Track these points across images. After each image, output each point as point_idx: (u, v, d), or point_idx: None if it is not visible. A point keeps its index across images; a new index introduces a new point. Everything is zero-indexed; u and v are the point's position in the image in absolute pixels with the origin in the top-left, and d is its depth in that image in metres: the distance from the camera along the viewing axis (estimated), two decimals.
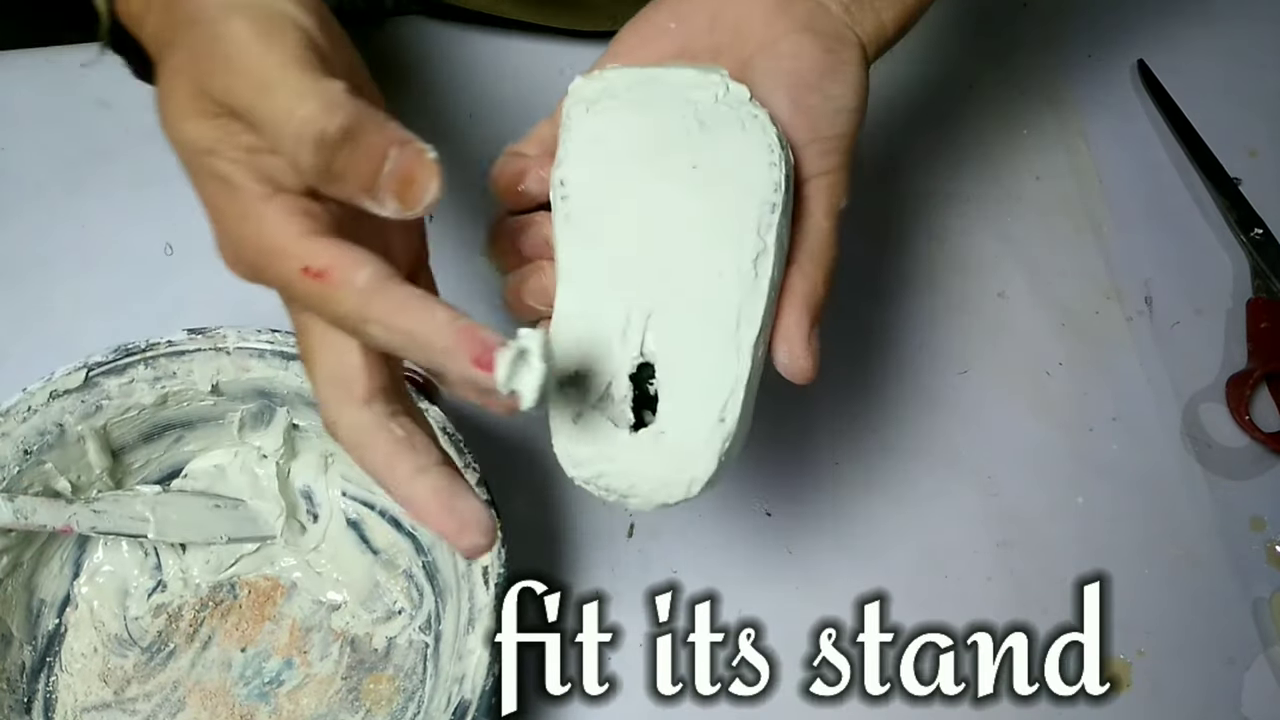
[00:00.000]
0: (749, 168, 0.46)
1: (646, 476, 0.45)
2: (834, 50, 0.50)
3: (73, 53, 0.80)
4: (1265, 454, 0.73)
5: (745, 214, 0.46)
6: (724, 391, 0.45)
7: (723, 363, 0.45)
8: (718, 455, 0.45)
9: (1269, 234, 0.78)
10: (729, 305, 0.45)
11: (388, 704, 0.61)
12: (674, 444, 0.45)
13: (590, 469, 0.46)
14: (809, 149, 0.49)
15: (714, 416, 0.45)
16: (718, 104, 0.47)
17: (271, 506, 0.64)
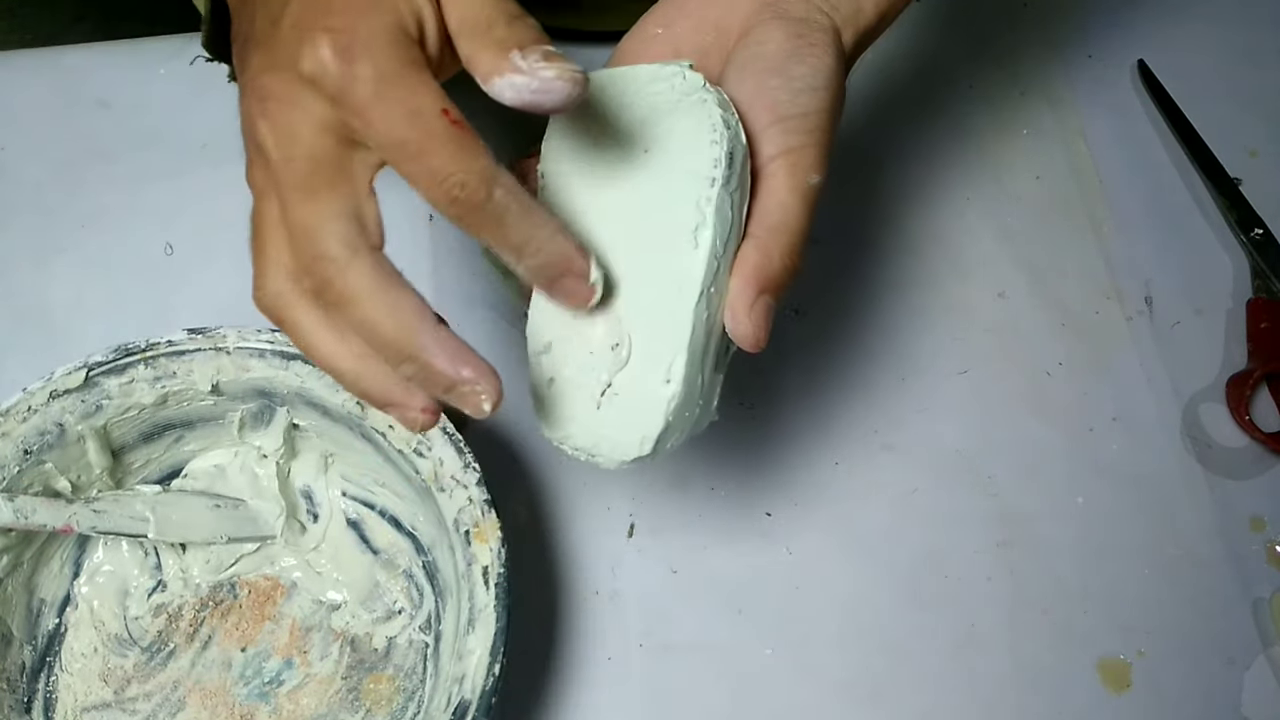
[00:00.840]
0: (692, 147, 0.48)
1: (606, 436, 0.49)
2: (801, 34, 0.51)
3: (73, 53, 0.80)
4: (1265, 454, 0.73)
5: (686, 190, 0.48)
6: (668, 355, 0.48)
7: (666, 329, 0.48)
8: (664, 415, 0.47)
9: (1269, 234, 0.78)
10: (671, 276, 0.48)
11: (388, 704, 0.61)
12: (626, 406, 0.49)
13: (560, 431, 0.50)
14: (771, 129, 0.50)
15: (660, 379, 0.48)
16: (673, 93, 0.50)
17: (271, 506, 0.64)
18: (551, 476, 0.69)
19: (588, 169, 0.51)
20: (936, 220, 0.79)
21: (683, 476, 0.70)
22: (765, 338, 0.48)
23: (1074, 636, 0.67)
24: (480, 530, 0.56)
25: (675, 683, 0.65)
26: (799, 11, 0.52)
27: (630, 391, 0.48)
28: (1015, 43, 0.87)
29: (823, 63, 0.51)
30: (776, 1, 0.53)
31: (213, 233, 0.74)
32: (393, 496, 0.64)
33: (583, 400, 0.49)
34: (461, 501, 0.56)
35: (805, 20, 0.52)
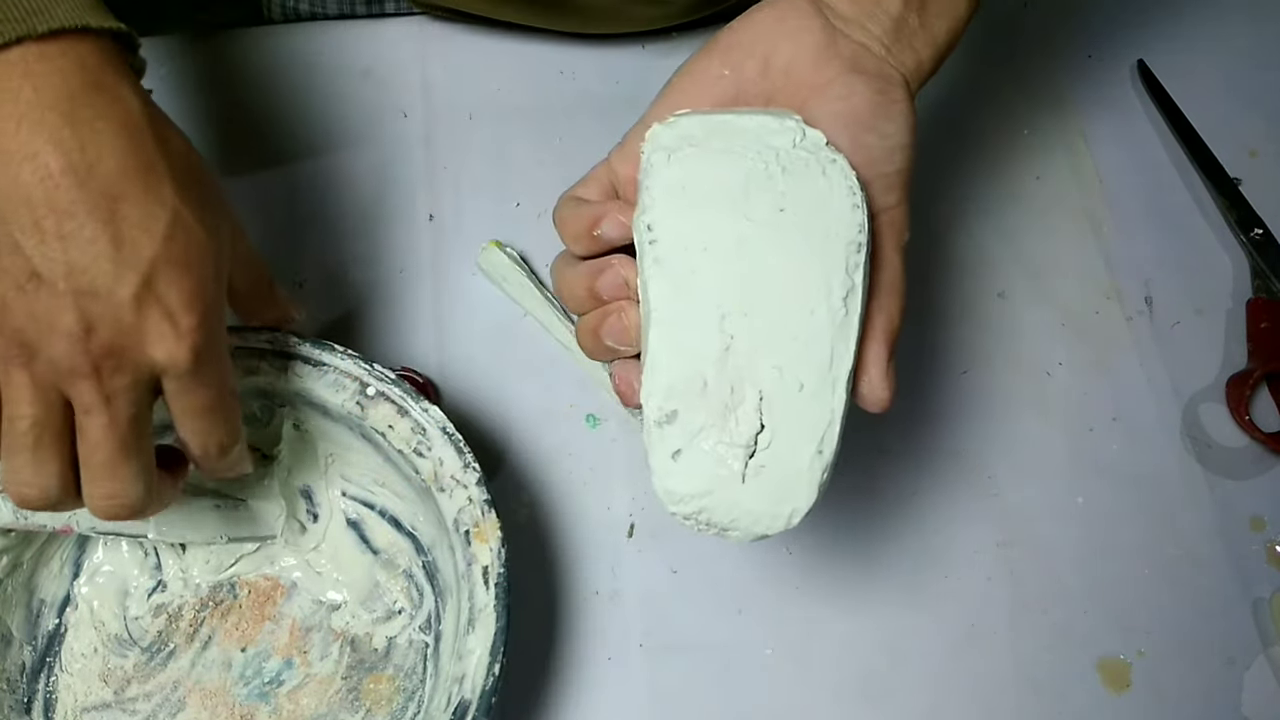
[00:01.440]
0: (833, 209, 0.48)
1: (748, 510, 0.47)
2: (884, 90, 0.52)
3: None
4: (1265, 454, 0.73)
5: (833, 254, 0.47)
6: (821, 425, 0.47)
7: (819, 398, 0.47)
8: (818, 486, 0.47)
9: (1269, 234, 0.78)
10: (823, 342, 0.47)
11: (388, 704, 0.61)
12: (775, 477, 0.47)
13: (692, 505, 0.47)
14: (871, 187, 0.51)
15: (813, 449, 0.47)
16: (795, 149, 0.49)
17: (272, 506, 0.64)
18: (551, 476, 0.69)
19: (707, 222, 0.49)
20: (936, 220, 0.79)
21: None
22: (893, 401, 0.49)
23: (1074, 636, 0.67)
24: (480, 530, 0.56)
25: (675, 683, 0.65)
26: (874, 66, 0.52)
27: (778, 462, 0.47)
28: (1015, 43, 0.87)
29: (907, 120, 0.52)
30: (846, 52, 0.52)
31: None
32: (393, 497, 0.64)
33: (722, 473, 0.47)
34: (461, 501, 0.56)
35: (883, 75, 0.52)
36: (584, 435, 0.71)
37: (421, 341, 0.72)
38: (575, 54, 0.82)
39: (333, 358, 0.59)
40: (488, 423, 0.70)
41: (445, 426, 0.58)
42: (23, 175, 0.43)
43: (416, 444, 0.58)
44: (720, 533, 0.47)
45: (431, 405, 0.58)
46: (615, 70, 0.82)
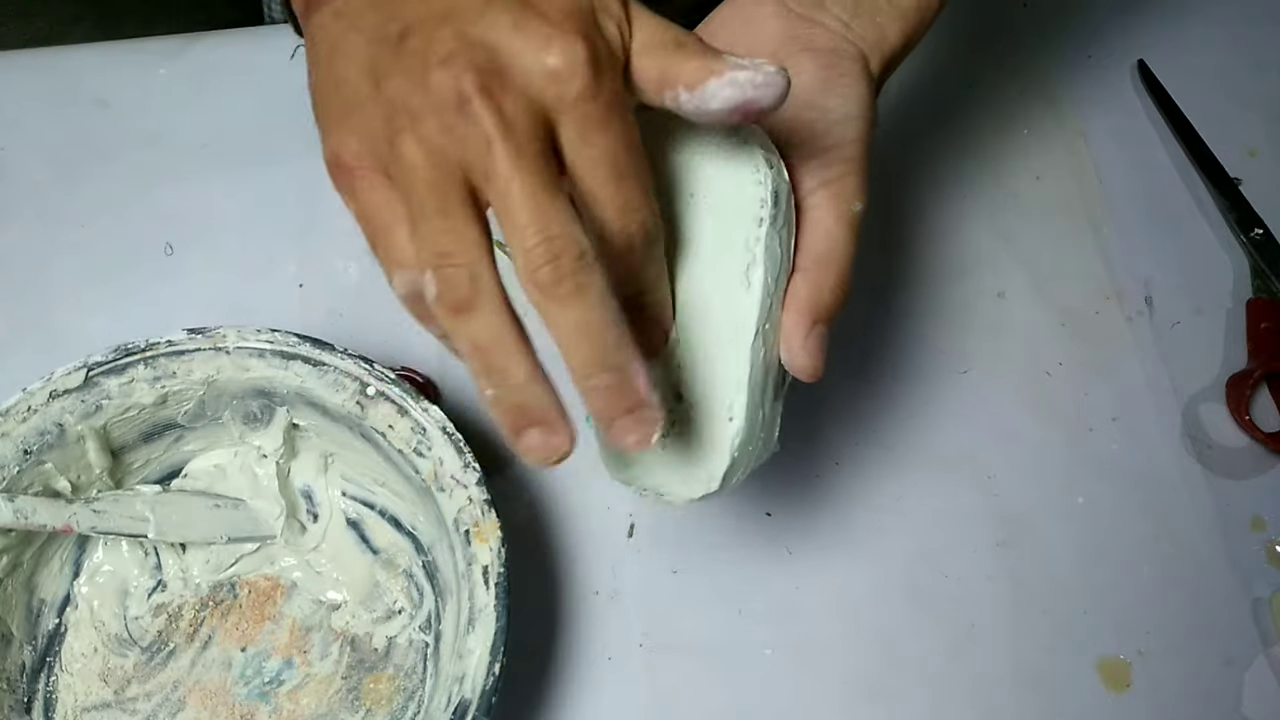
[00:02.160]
0: (737, 189, 0.49)
1: (674, 475, 0.50)
2: (831, 65, 0.52)
3: (73, 53, 0.80)
4: (1265, 454, 0.73)
5: (734, 231, 0.49)
6: (728, 393, 0.49)
7: (726, 368, 0.49)
8: (729, 452, 0.49)
9: (1269, 234, 0.78)
10: (726, 316, 0.49)
11: (388, 703, 0.61)
12: (692, 444, 0.50)
13: (626, 472, 0.52)
14: (810, 163, 0.50)
15: (723, 417, 0.49)
16: (715, 134, 0.50)
17: (271, 506, 0.64)
18: (551, 477, 0.69)
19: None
20: (936, 220, 0.79)
21: None
22: (822, 367, 0.49)
23: (1074, 636, 0.67)
24: (480, 530, 0.56)
25: (675, 683, 0.65)
26: (826, 42, 0.53)
27: (694, 431, 0.49)
28: (1015, 43, 0.87)
29: (854, 91, 0.52)
30: (803, 34, 0.53)
31: (213, 233, 0.75)
32: (392, 496, 0.64)
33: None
34: (461, 501, 0.56)
35: (834, 50, 0.53)
36: (584, 435, 0.70)
37: (422, 341, 0.72)
38: None
39: (332, 357, 0.59)
40: (488, 423, 0.70)
41: (445, 426, 0.58)
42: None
43: (416, 443, 0.58)
44: (658, 497, 0.51)
45: (431, 405, 0.59)
46: None
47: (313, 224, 0.75)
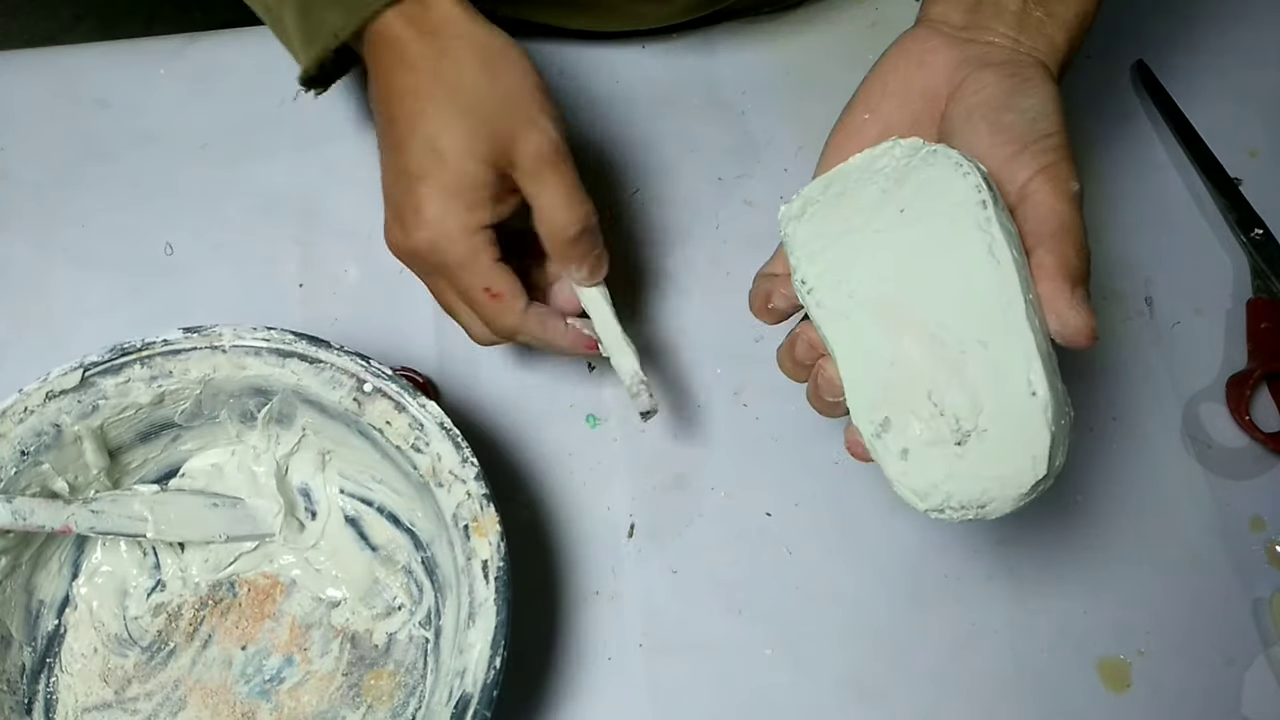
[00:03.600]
0: (945, 187, 0.50)
1: (992, 478, 0.47)
2: (1015, 73, 0.54)
3: (73, 53, 0.80)
4: (1265, 454, 0.73)
5: (961, 221, 0.49)
6: (1022, 368, 0.47)
7: (1008, 347, 0.47)
8: (1047, 425, 0.46)
9: (1269, 234, 0.78)
10: (987, 298, 0.48)
11: (389, 699, 0.61)
12: (1001, 436, 0.47)
13: (938, 496, 0.48)
14: (1021, 156, 0.52)
15: (1024, 394, 0.46)
16: (898, 161, 0.52)
17: (269, 504, 0.64)
18: (551, 476, 0.69)
19: (846, 253, 0.52)
20: None
21: (683, 476, 0.70)
22: (1096, 329, 0.49)
23: (1074, 636, 0.67)
24: (479, 525, 0.56)
25: (675, 683, 0.65)
26: (1001, 57, 0.55)
27: (997, 423, 0.47)
28: None
29: (1043, 90, 0.54)
30: (976, 54, 0.56)
31: (213, 233, 0.75)
32: (391, 493, 0.64)
33: (949, 453, 0.48)
34: (460, 496, 0.56)
35: (1011, 62, 0.55)
36: (584, 435, 0.71)
37: (421, 341, 0.72)
38: (575, 54, 0.82)
39: (329, 354, 0.60)
40: (487, 422, 0.70)
41: (443, 422, 0.58)
42: None
43: (414, 439, 0.58)
44: (979, 511, 0.48)
45: (429, 401, 0.59)
46: (615, 70, 0.82)
47: (313, 224, 0.75)
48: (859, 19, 0.85)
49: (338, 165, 0.77)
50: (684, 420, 0.71)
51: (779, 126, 0.81)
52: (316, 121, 0.78)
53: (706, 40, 0.83)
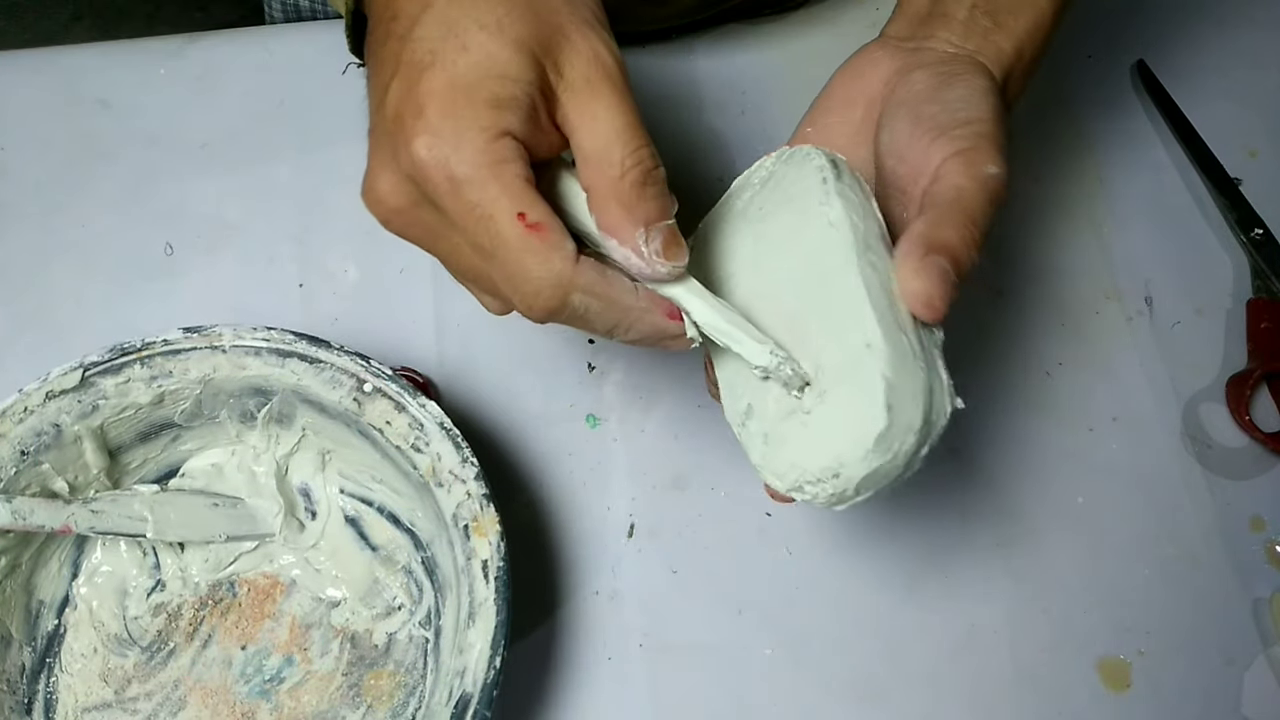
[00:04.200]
0: (797, 178, 0.51)
1: (838, 439, 0.45)
2: (945, 70, 0.55)
3: (73, 53, 0.80)
4: (1265, 454, 0.73)
5: (806, 202, 0.50)
6: (856, 325, 0.46)
7: (844, 307, 0.46)
8: (881, 372, 0.44)
9: (1269, 234, 0.78)
10: (827, 267, 0.48)
11: (389, 699, 0.61)
12: (840, 393, 0.46)
13: (794, 472, 0.47)
14: (938, 142, 0.51)
15: (859, 348, 0.45)
16: (769, 169, 0.54)
17: (269, 504, 0.64)
18: (551, 476, 0.69)
19: (715, 266, 0.53)
20: None
21: (683, 476, 0.70)
22: (940, 300, 0.46)
23: (1074, 636, 0.67)
24: (479, 524, 0.56)
25: (675, 683, 0.65)
26: (938, 58, 0.56)
27: (836, 382, 0.46)
28: None
29: (975, 83, 0.54)
30: (913, 60, 0.56)
31: (213, 233, 0.75)
32: (390, 493, 0.64)
33: (794, 430, 0.47)
34: (460, 496, 0.56)
35: (945, 61, 0.55)
36: (584, 435, 0.71)
37: (421, 341, 0.72)
38: None
39: (329, 354, 0.60)
40: (487, 423, 0.70)
41: (443, 422, 0.58)
42: None
43: (414, 439, 0.58)
44: (835, 484, 0.45)
45: (429, 400, 0.59)
46: None
47: (313, 224, 0.75)
48: (859, 20, 0.85)
49: (338, 165, 0.77)
50: (684, 420, 0.71)
51: (779, 127, 0.81)
52: (317, 122, 0.78)
53: (707, 42, 0.83)
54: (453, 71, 0.42)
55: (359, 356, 0.60)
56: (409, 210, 0.45)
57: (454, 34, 0.42)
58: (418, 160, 0.42)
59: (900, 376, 0.44)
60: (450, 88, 0.42)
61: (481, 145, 0.42)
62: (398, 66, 0.43)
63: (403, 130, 0.42)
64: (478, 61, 0.42)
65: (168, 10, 0.83)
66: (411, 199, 0.44)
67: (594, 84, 0.44)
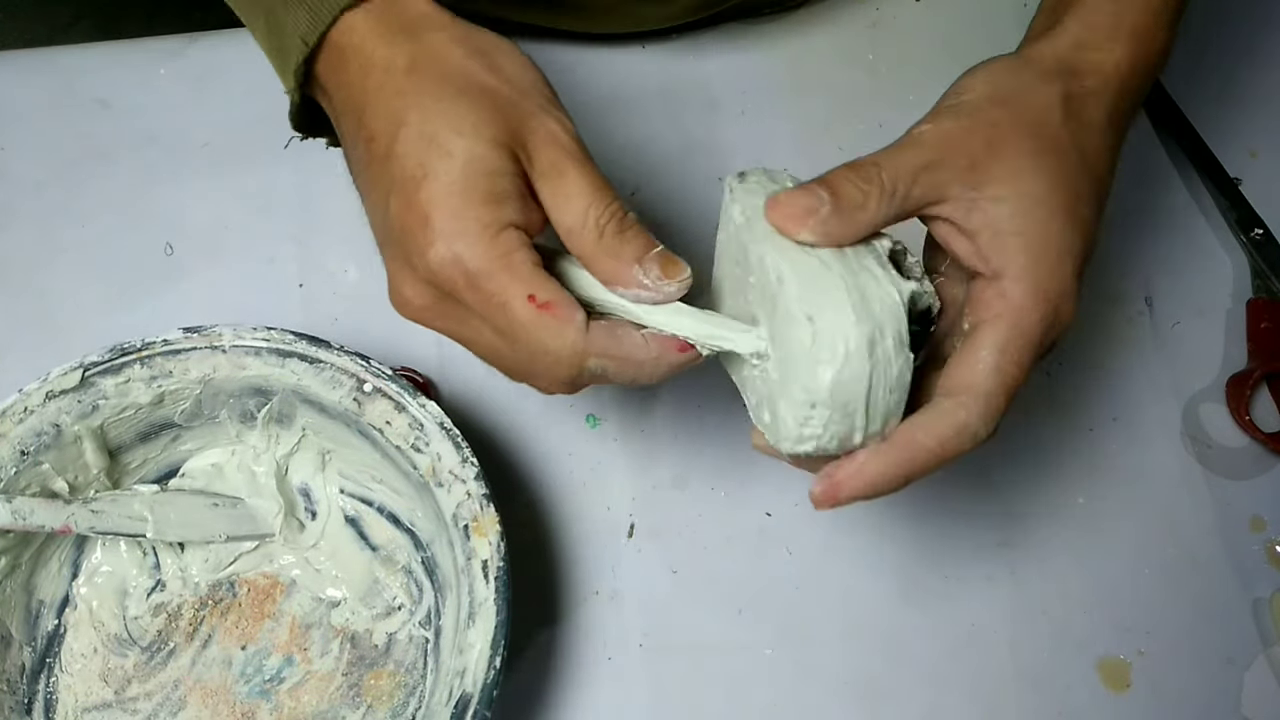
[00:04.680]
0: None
1: (797, 375, 0.46)
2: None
3: (73, 53, 0.80)
4: (1265, 454, 0.73)
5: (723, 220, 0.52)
6: (770, 277, 0.47)
7: (758, 274, 0.48)
8: (793, 299, 0.45)
9: (1269, 234, 0.78)
10: (736, 265, 0.50)
11: (389, 699, 0.61)
12: (779, 339, 0.47)
13: (794, 432, 0.48)
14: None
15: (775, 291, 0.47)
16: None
17: (269, 504, 0.64)
18: (551, 476, 0.69)
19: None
20: None
21: (683, 476, 0.70)
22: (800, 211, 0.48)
23: (1074, 636, 0.67)
24: (479, 524, 0.56)
25: (675, 683, 0.65)
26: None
27: (776, 331, 0.48)
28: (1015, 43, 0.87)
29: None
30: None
31: (213, 233, 0.75)
32: (390, 493, 0.64)
33: (778, 389, 0.48)
34: (460, 496, 0.56)
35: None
36: (584, 435, 0.71)
37: (421, 341, 0.72)
38: (575, 54, 0.82)
39: (329, 354, 0.60)
40: (487, 422, 0.70)
41: (443, 421, 0.58)
42: None
43: (414, 439, 0.58)
44: (816, 410, 0.46)
45: (429, 400, 0.59)
46: (615, 70, 0.82)
47: (313, 224, 0.75)
48: (859, 19, 0.85)
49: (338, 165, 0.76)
50: (684, 420, 0.71)
51: (779, 126, 0.81)
52: None
53: (707, 41, 0.83)
54: (446, 179, 0.46)
55: (359, 356, 0.60)
56: (433, 307, 0.48)
57: (435, 144, 0.46)
58: (434, 266, 0.46)
59: (809, 289, 0.46)
60: (448, 194, 0.46)
61: (488, 240, 0.46)
62: (391, 184, 0.47)
63: (414, 241, 0.46)
64: (465, 164, 0.46)
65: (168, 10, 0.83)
66: (433, 298, 0.48)
67: (559, 166, 0.47)
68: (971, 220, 0.49)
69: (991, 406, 0.48)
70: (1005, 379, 0.48)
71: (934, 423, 0.48)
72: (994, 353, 0.48)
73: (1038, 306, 0.49)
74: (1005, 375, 0.48)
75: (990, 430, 0.49)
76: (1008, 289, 0.48)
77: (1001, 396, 0.48)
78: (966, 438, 0.48)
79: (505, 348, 0.48)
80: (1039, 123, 0.52)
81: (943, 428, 0.48)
